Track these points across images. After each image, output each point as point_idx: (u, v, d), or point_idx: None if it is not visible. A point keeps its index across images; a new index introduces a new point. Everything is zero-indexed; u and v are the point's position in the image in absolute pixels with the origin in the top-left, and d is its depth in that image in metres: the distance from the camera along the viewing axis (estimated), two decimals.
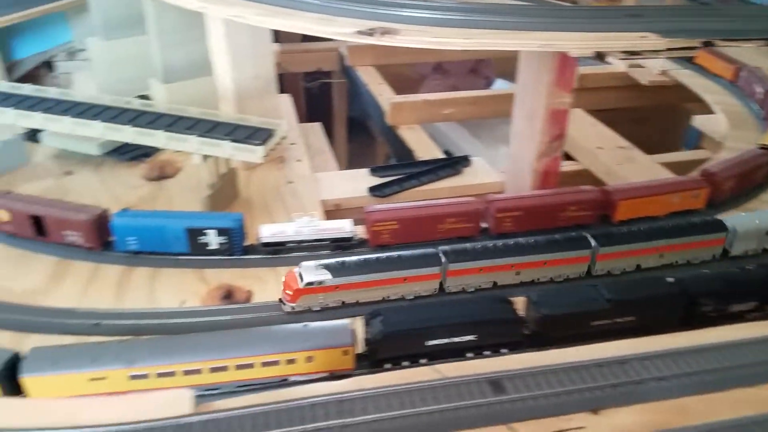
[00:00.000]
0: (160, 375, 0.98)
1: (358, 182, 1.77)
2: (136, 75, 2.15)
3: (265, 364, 1.01)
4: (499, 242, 1.24)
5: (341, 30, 1.28)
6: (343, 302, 1.17)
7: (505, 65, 4.06)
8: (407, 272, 1.17)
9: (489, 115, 2.65)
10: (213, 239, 1.32)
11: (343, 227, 1.36)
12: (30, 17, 2.26)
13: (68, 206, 1.33)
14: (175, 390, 0.71)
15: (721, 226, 1.33)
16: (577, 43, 1.27)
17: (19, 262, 1.34)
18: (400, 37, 1.23)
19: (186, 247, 1.33)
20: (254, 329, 1.04)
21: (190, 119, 1.49)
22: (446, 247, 1.21)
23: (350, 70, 3.09)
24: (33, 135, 1.78)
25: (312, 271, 1.14)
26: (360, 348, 1.03)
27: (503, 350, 1.08)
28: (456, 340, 1.04)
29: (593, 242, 1.25)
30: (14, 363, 0.94)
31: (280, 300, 1.17)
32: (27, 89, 1.61)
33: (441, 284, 1.21)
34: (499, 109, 2.62)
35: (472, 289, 1.22)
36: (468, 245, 1.23)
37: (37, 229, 1.34)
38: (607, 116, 2.38)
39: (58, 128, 1.46)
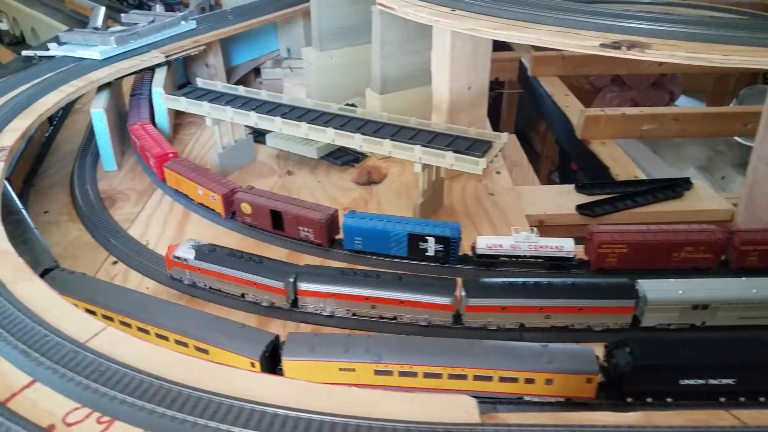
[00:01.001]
0: (402, 374, 1.03)
1: (563, 198, 1.71)
2: (346, 83, 2.31)
3: (503, 379, 1.00)
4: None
5: (584, 43, 1.24)
6: (209, 286, 1.30)
7: (693, 81, 3.74)
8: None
9: (693, 134, 2.44)
10: (432, 246, 1.36)
11: (564, 246, 1.32)
12: (251, 27, 2.51)
13: (305, 204, 1.45)
14: (457, 395, 0.73)
15: (629, 292, 1.15)
16: None
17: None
18: (651, 51, 1.17)
19: (405, 251, 1.39)
20: (491, 342, 1.04)
21: (410, 129, 1.55)
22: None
23: (532, 80, 3.03)
24: (259, 137, 1.97)
25: (184, 247, 1.30)
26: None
27: (761, 398, 0.98)
28: (712, 382, 0.96)
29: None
30: (275, 345, 1.04)
31: None
32: (263, 95, 1.78)
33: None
34: (705, 129, 2.40)
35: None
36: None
37: (275, 223, 1.48)
38: None
39: (293, 131, 1.59)
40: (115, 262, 1.43)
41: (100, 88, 1.87)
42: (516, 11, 1.51)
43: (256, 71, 2.94)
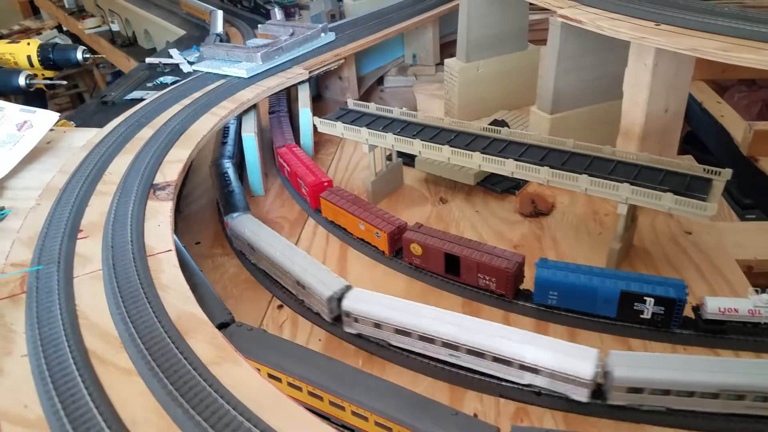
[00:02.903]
0: None
1: None
2: (491, 96, 2.12)
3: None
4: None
5: None
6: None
7: None
8: None
9: None
10: (650, 308, 1.14)
11: None
12: (388, 37, 2.37)
13: (485, 249, 1.27)
14: None
15: None
16: None
17: (427, 297, 1.33)
18: None
19: (614, 312, 1.18)
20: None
21: (606, 160, 1.33)
22: None
23: None
24: (407, 159, 1.82)
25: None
26: None
27: None
28: None
29: None
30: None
31: None
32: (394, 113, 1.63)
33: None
34: None
35: None
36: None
37: (449, 267, 1.32)
38: None
39: (463, 161, 1.42)
40: (280, 306, 1.33)
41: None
42: (740, 27, 1.26)
43: (379, 79, 2.81)
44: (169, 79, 2.59)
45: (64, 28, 5.13)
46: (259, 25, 2.30)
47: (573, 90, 1.63)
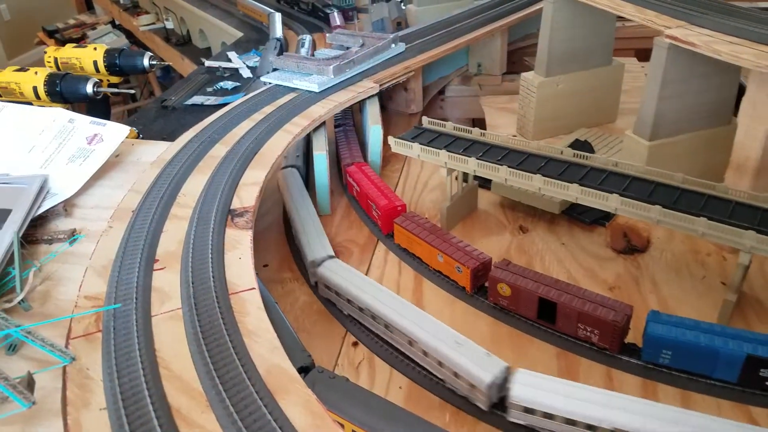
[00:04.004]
0: None
1: None
2: (570, 112, 2.00)
3: None
4: None
5: None
6: None
7: None
8: None
9: None
10: None
11: None
12: (459, 48, 2.26)
13: (587, 296, 1.15)
14: None
15: None
16: None
17: (514, 343, 1.22)
18: None
19: (734, 376, 1.05)
20: None
21: (722, 200, 1.20)
22: None
23: None
24: (483, 182, 1.71)
25: None
26: None
27: None
28: None
29: None
30: None
31: None
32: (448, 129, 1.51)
33: None
34: None
35: None
36: None
37: (542, 313, 1.21)
38: None
39: (557, 193, 1.31)
40: (355, 344, 1.24)
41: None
42: None
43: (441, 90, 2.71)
44: (229, 84, 2.54)
45: (117, 22, 5.18)
46: (327, 34, 2.22)
47: (675, 116, 1.49)
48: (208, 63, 2.77)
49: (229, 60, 2.80)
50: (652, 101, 1.46)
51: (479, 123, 3.48)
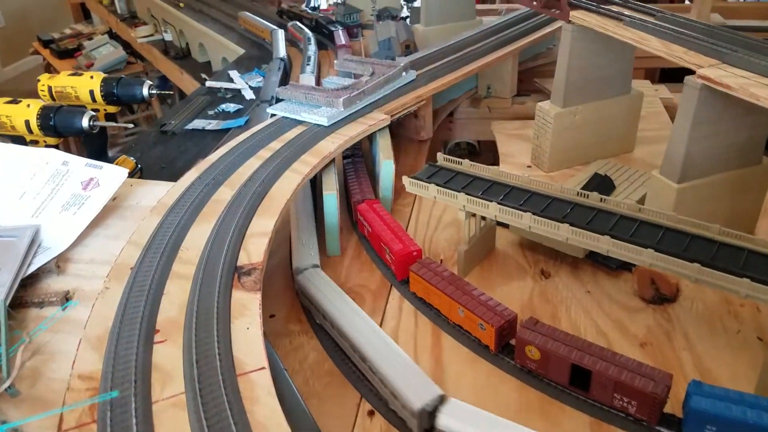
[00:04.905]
0: None
1: None
2: (587, 143, 1.93)
3: None
4: None
5: None
6: None
7: None
8: None
9: None
10: None
11: None
12: (469, 75, 2.18)
13: (622, 363, 1.07)
14: None
15: None
16: None
17: (545, 410, 1.13)
18: None
19: None
20: None
21: (764, 255, 1.11)
22: None
23: None
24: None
25: None
26: None
27: None
28: None
29: None
30: None
31: None
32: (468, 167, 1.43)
33: None
34: None
35: None
36: None
37: (575, 379, 1.12)
38: None
39: (592, 244, 1.23)
40: (371, 413, 1.15)
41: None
42: None
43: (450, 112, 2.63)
44: (231, 106, 2.46)
45: (115, 32, 5.09)
46: (335, 61, 2.13)
47: (705, 156, 1.41)
48: (209, 83, 2.68)
49: (231, 80, 2.71)
50: (681, 142, 1.38)
51: (489, 145, 3.40)
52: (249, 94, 2.56)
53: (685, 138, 1.37)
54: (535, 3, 1.91)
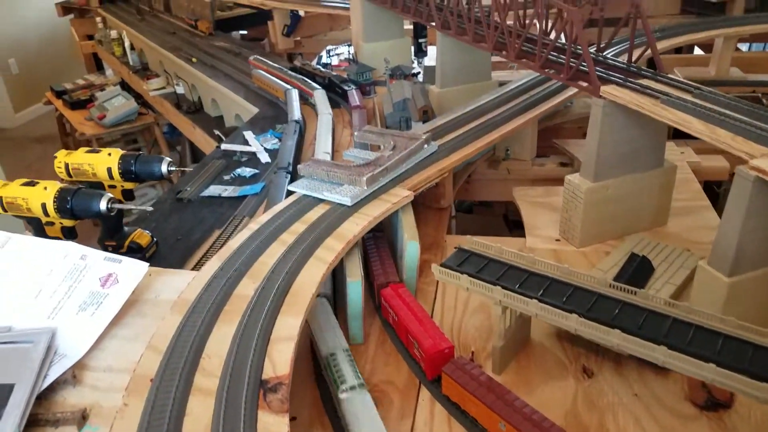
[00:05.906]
0: None
1: None
2: (618, 218, 1.86)
3: None
4: None
5: None
6: None
7: None
8: None
9: None
10: None
11: None
12: (492, 144, 2.13)
13: None
14: None
15: None
16: None
17: None
18: None
19: None
20: None
21: None
22: None
23: None
24: None
25: None
26: None
27: None
28: None
29: None
30: None
31: None
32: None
33: None
34: None
35: None
36: None
37: None
38: None
39: (600, 339, 1.14)
40: None
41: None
42: None
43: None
44: (247, 171, 2.41)
45: (126, 83, 5.12)
46: (355, 133, 2.09)
47: (756, 248, 1.33)
48: (224, 146, 2.64)
49: (246, 142, 2.67)
50: (733, 235, 1.30)
51: (508, 205, 3.33)
52: (264, 157, 2.51)
53: (737, 231, 1.29)
54: (561, 75, 1.87)
